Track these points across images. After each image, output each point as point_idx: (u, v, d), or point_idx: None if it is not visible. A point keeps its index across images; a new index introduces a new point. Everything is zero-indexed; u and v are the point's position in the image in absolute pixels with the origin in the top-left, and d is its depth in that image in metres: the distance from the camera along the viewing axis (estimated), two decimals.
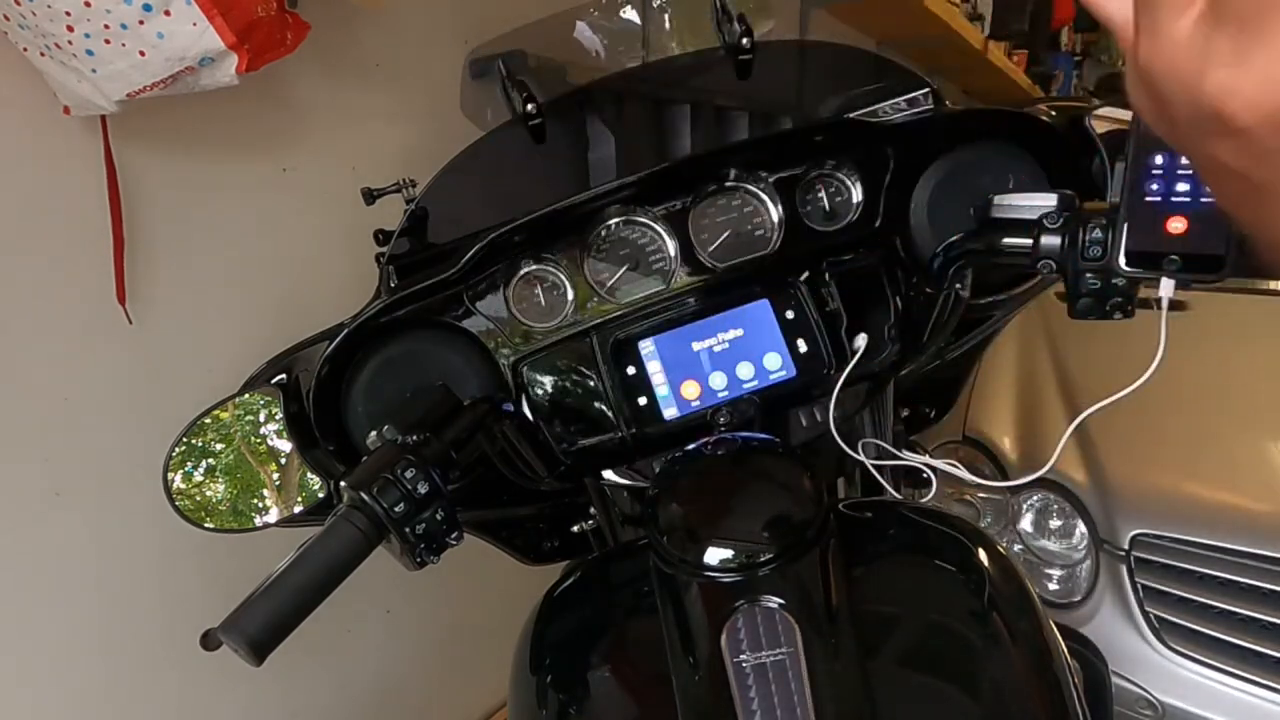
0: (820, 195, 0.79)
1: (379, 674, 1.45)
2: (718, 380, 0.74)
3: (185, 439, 0.75)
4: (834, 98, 0.90)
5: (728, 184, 0.77)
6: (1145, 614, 1.29)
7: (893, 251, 0.77)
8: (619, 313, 0.76)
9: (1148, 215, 0.51)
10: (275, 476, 0.77)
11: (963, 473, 0.74)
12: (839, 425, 0.73)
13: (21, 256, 0.91)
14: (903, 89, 0.82)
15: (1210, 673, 1.23)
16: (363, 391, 0.75)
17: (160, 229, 1.03)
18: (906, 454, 0.80)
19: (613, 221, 0.77)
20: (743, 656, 0.56)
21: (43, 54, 0.80)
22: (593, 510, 0.90)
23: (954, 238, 0.68)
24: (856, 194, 0.78)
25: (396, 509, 0.55)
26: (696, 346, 0.74)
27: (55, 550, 0.98)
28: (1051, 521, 1.41)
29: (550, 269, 0.76)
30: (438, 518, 0.57)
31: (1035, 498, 1.43)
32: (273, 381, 0.77)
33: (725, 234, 0.77)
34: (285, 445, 0.76)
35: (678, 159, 0.82)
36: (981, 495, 1.47)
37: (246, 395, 0.77)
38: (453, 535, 0.59)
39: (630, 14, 1.02)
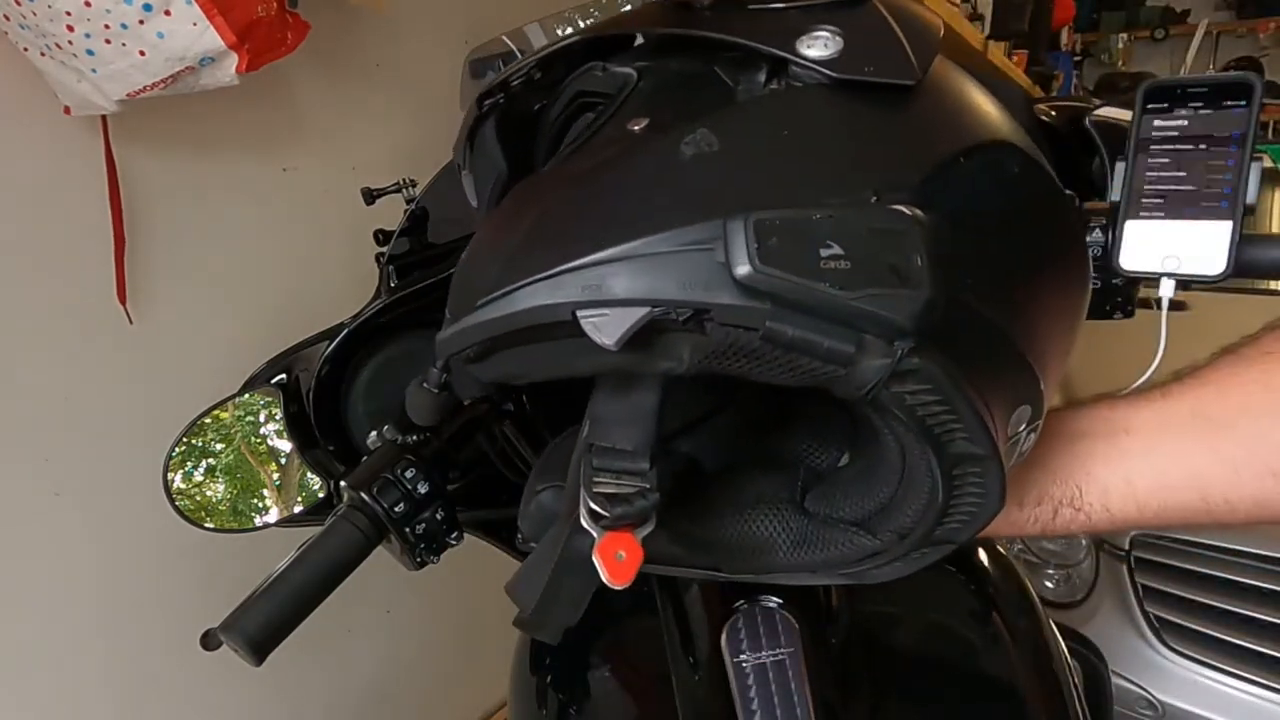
0: None
1: (379, 674, 1.45)
2: None
3: (185, 439, 0.75)
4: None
5: None
6: (1145, 614, 1.29)
7: None
8: None
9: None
10: (275, 476, 0.77)
11: None
12: None
13: (22, 256, 0.91)
14: None
15: (1210, 673, 1.23)
16: (363, 391, 0.75)
17: (160, 229, 1.03)
18: None
19: None
20: (743, 656, 0.56)
21: (43, 54, 0.80)
22: None
23: None
24: None
25: (396, 509, 0.55)
26: None
27: (55, 550, 0.98)
28: None
29: None
30: (438, 518, 0.57)
31: None
32: (273, 381, 0.77)
33: None
34: (285, 445, 0.76)
35: None
36: None
37: (246, 395, 0.77)
38: (453, 535, 0.59)
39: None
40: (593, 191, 0.32)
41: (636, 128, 0.34)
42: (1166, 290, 0.53)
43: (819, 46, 0.33)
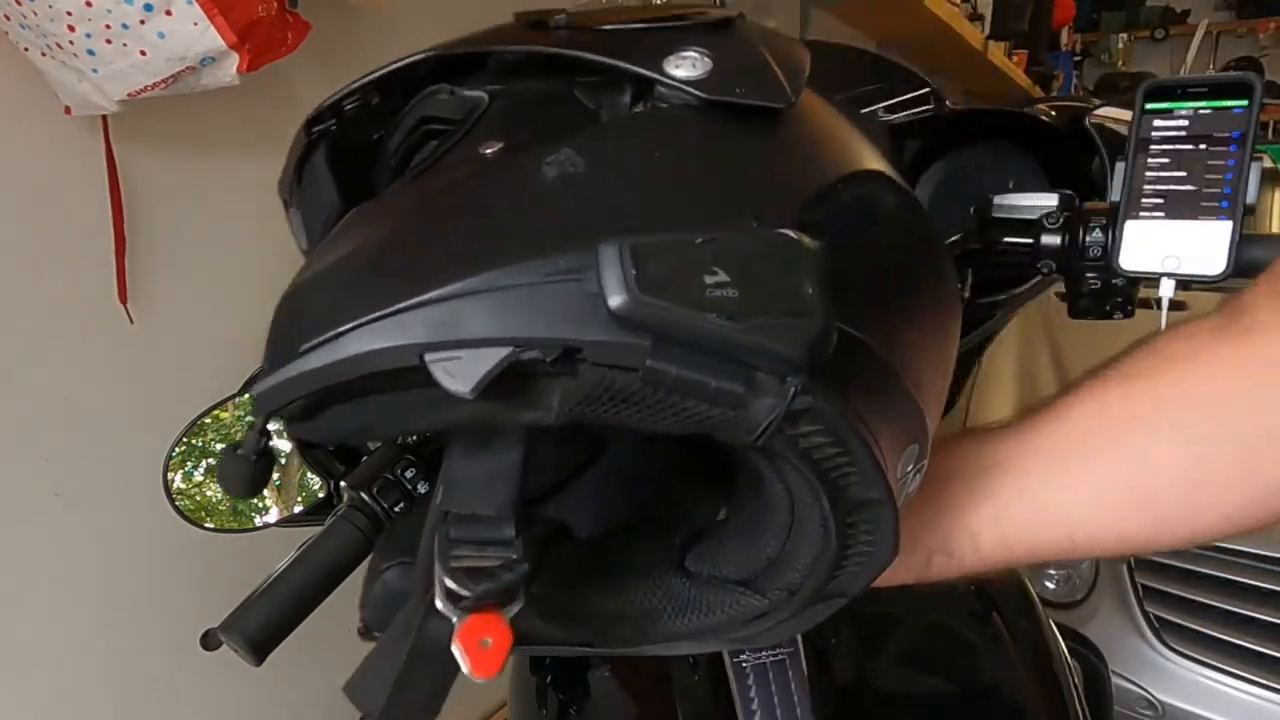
0: None
1: None
2: None
3: (185, 439, 0.75)
4: (833, 98, 0.89)
5: None
6: (1145, 614, 1.29)
7: None
8: None
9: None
10: (275, 476, 0.77)
11: None
12: None
13: (22, 256, 0.91)
14: (903, 89, 0.82)
15: (1210, 673, 1.23)
16: None
17: (161, 229, 1.03)
18: None
19: None
20: (743, 656, 0.56)
21: (43, 54, 0.80)
22: None
23: (954, 238, 0.68)
24: None
25: (396, 509, 0.55)
26: None
27: (55, 550, 0.98)
28: None
29: None
30: None
31: None
32: None
33: None
34: (285, 445, 0.76)
35: None
36: None
37: (246, 395, 0.77)
38: None
39: None
40: (441, 216, 0.28)
41: (488, 151, 0.31)
42: (1166, 290, 0.53)
43: (687, 67, 0.31)
